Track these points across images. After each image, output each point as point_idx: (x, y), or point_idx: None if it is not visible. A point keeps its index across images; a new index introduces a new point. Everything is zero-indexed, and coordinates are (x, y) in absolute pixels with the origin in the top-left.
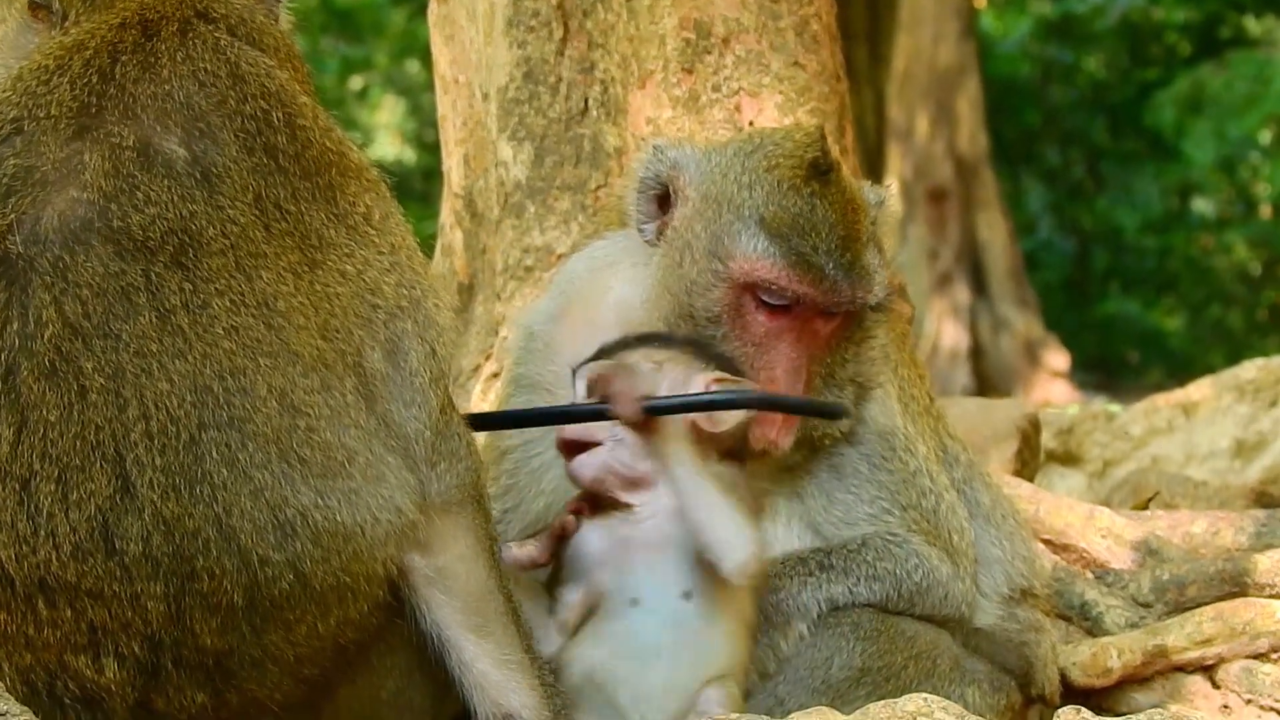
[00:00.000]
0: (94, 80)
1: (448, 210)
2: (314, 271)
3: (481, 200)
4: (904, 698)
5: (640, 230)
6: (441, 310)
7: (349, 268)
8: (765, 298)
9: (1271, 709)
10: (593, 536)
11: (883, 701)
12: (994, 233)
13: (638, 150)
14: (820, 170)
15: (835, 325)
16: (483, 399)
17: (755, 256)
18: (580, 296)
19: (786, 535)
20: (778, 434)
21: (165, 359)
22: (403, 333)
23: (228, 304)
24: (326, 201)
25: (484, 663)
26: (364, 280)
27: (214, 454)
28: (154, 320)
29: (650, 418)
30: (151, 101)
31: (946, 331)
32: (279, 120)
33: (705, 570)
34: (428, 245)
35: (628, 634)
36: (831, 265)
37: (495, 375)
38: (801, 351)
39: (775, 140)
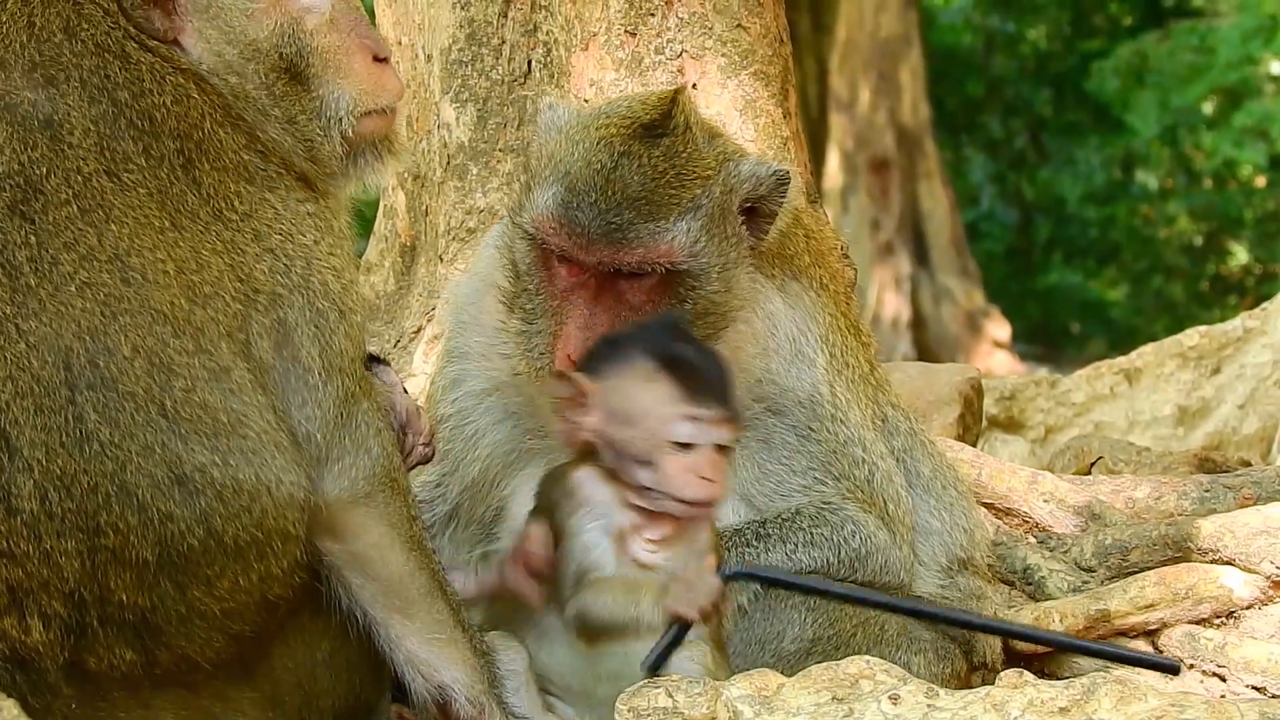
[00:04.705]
0: None
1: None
2: (178, 232)
3: (424, 162)
4: (846, 660)
5: None
6: (332, 294)
7: (217, 242)
8: (556, 252)
9: (1214, 674)
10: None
11: (825, 664)
12: (936, 203)
13: None
14: (652, 131)
15: (649, 289)
16: (425, 360)
17: (535, 209)
18: (494, 268)
19: (721, 508)
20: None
21: (20, 320)
22: (289, 322)
23: (76, 258)
24: (185, 174)
25: (411, 641)
26: (233, 256)
27: (92, 413)
28: (2, 280)
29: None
30: None
31: (888, 301)
32: (120, 76)
33: None
34: (371, 210)
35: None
36: (594, 222)
37: (437, 338)
38: (600, 310)
39: (629, 102)
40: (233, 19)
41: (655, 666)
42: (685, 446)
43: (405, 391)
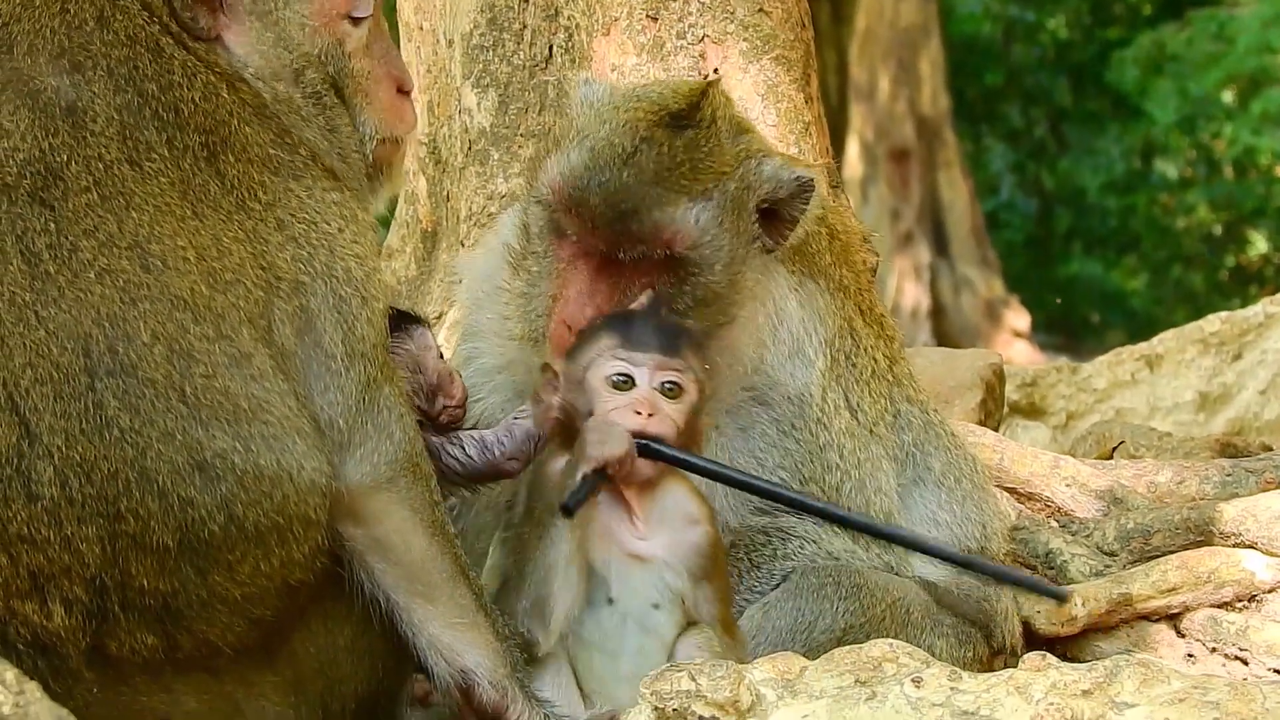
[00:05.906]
0: None
1: (411, 157)
2: (200, 220)
3: (445, 147)
4: (870, 643)
5: None
6: (355, 281)
7: (239, 231)
8: (562, 223)
9: (1236, 658)
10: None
11: (847, 647)
12: (956, 193)
13: None
14: (678, 121)
15: (649, 269)
16: (447, 345)
17: (551, 178)
18: (509, 231)
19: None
20: None
21: (40, 308)
22: (311, 309)
23: (96, 245)
24: (209, 165)
25: (434, 626)
26: (256, 244)
27: (112, 400)
28: (22, 267)
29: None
30: (24, 39)
31: (907, 291)
32: (149, 69)
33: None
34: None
35: (598, 627)
36: (603, 203)
37: (459, 322)
38: (601, 283)
39: (661, 89)
40: (291, 29)
41: (570, 508)
42: (623, 390)
43: (440, 356)
